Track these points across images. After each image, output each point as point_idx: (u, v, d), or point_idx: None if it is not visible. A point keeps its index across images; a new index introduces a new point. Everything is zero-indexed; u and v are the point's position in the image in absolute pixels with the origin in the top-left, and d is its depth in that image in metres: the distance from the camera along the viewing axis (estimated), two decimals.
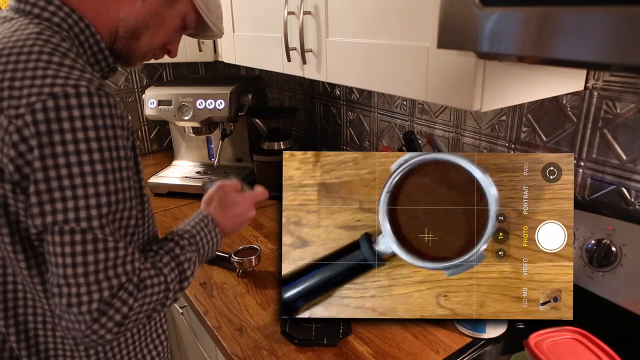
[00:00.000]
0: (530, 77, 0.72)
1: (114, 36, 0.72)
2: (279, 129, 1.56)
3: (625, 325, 0.78)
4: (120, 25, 0.71)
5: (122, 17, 0.71)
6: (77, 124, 0.55)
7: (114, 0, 0.70)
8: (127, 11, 0.71)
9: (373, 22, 0.81)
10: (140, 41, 0.75)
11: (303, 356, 0.86)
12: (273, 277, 1.11)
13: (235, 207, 0.84)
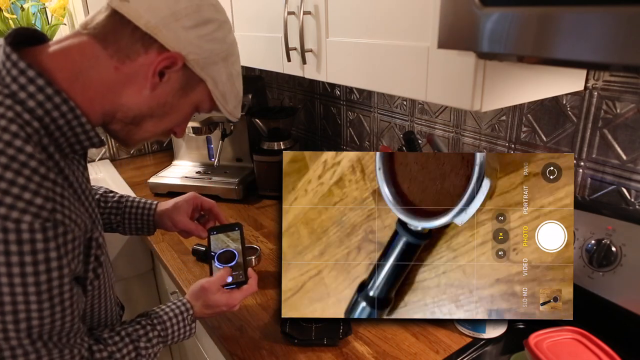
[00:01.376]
0: (530, 77, 0.72)
1: (110, 118, 0.67)
2: (279, 129, 1.56)
3: (625, 325, 0.78)
4: (120, 110, 0.66)
5: (124, 103, 0.66)
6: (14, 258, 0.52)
7: (117, 84, 0.64)
8: (130, 98, 0.66)
9: (373, 22, 0.81)
10: (141, 128, 0.70)
11: (303, 356, 0.86)
12: (273, 277, 1.11)
13: (220, 307, 0.84)
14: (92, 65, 0.62)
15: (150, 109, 0.68)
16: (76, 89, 0.61)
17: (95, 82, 0.62)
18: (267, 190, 1.56)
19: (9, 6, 1.58)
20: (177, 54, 0.65)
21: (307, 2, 0.95)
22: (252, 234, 1.33)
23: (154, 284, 1.55)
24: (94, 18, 0.64)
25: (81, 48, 0.62)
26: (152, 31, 0.63)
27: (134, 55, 0.63)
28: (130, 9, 0.62)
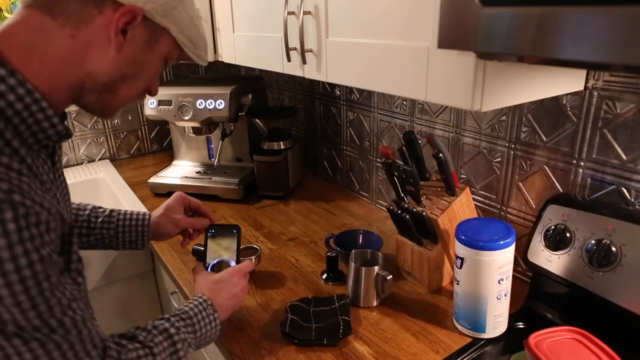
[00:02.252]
0: (530, 77, 0.72)
1: (79, 91, 0.62)
2: (279, 129, 1.56)
3: (625, 325, 0.78)
4: (88, 80, 0.61)
5: (90, 72, 0.61)
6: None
7: (77, 53, 0.59)
8: (95, 65, 0.61)
9: (373, 22, 0.81)
10: (116, 93, 0.65)
11: (303, 356, 0.86)
12: (273, 277, 1.11)
13: (224, 285, 0.84)
14: (44, 39, 0.57)
15: (121, 70, 0.63)
16: (32, 68, 0.56)
17: (52, 56, 0.57)
18: (267, 190, 1.56)
19: (9, 6, 1.58)
20: (134, 6, 0.60)
21: (307, 2, 0.95)
22: (252, 234, 1.33)
23: (154, 284, 1.55)
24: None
25: (27, 23, 0.57)
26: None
27: (88, 18, 0.58)
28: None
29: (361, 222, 1.39)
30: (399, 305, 0.99)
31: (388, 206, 1.04)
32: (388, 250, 1.17)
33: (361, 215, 1.43)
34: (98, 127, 1.92)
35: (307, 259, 1.19)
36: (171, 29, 0.66)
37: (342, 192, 1.62)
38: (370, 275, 0.97)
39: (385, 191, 1.45)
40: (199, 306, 0.78)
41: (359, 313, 0.97)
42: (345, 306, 0.96)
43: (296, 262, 1.18)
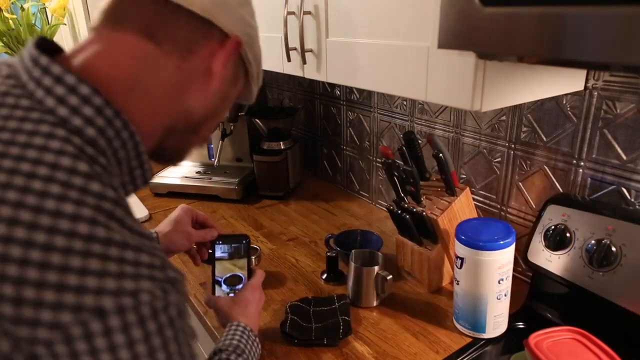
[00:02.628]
0: (530, 77, 0.72)
1: (170, 133, 0.53)
2: (279, 129, 1.56)
3: (625, 325, 0.78)
4: (182, 119, 0.53)
5: (188, 109, 0.53)
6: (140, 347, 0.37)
7: (181, 87, 0.51)
8: (195, 101, 0.53)
9: (373, 22, 0.81)
10: (199, 134, 0.58)
11: (303, 356, 0.86)
12: (273, 277, 1.11)
13: (250, 305, 0.83)
14: (150, 68, 0.48)
15: (215, 108, 0.56)
16: (137, 106, 0.47)
17: (157, 90, 0.49)
18: (267, 190, 1.56)
19: (9, 6, 1.58)
20: (237, 37, 0.54)
21: (307, 2, 0.95)
22: (252, 234, 1.33)
23: None
24: (120, 8, 0.49)
25: (130, 49, 0.48)
26: (210, 15, 0.51)
27: (196, 47, 0.51)
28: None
29: (361, 222, 1.39)
30: (399, 305, 0.99)
31: (388, 206, 1.04)
32: (388, 250, 1.17)
33: (361, 215, 1.43)
34: None
35: (307, 259, 1.19)
36: (252, 65, 0.60)
37: (342, 192, 1.62)
38: (370, 275, 0.97)
39: (385, 191, 1.45)
40: (244, 336, 0.75)
41: (359, 313, 0.97)
42: (345, 306, 0.96)
43: (296, 262, 1.18)
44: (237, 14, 0.55)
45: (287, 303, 0.98)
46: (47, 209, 0.35)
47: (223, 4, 0.53)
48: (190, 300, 0.88)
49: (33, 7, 1.64)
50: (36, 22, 1.67)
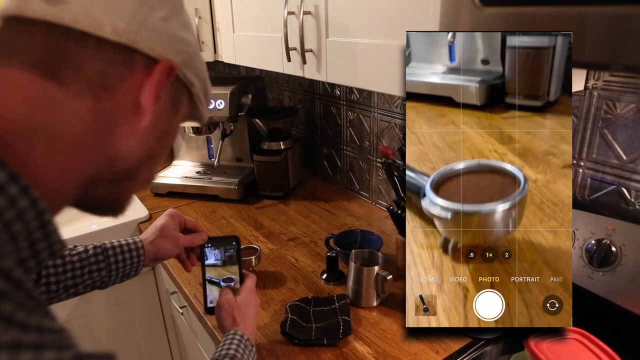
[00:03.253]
0: None
1: (89, 186, 0.43)
2: (279, 129, 1.56)
3: (625, 325, 0.78)
4: (107, 168, 0.43)
5: (112, 156, 0.43)
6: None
7: (98, 132, 0.41)
8: (121, 145, 0.43)
9: (373, 23, 0.81)
10: (135, 180, 0.48)
11: (303, 356, 0.86)
12: (273, 277, 1.11)
13: (249, 309, 0.82)
14: (52, 114, 0.38)
15: (150, 148, 0.46)
16: (38, 159, 0.37)
17: (66, 139, 0.39)
18: (267, 190, 1.56)
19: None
20: (168, 60, 0.44)
21: (307, 2, 0.95)
22: (252, 234, 1.33)
23: (153, 283, 1.55)
24: (6, 39, 0.38)
25: (23, 90, 0.37)
26: (127, 39, 0.40)
27: (115, 81, 0.41)
28: (77, 13, 0.38)
29: (361, 222, 1.39)
30: (399, 305, 0.99)
31: (388, 206, 1.04)
32: (388, 250, 1.17)
33: (361, 215, 1.43)
34: None
35: (307, 259, 1.19)
36: (195, 85, 0.50)
37: (342, 192, 1.63)
38: (370, 275, 0.97)
39: (385, 191, 1.45)
40: (240, 345, 0.74)
41: (359, 313, 0.97)
42: (345, 306, 0.97)
43: (296, 262, 1.18)
44: (163, 31, 0.44)
45: (287, 303, 0.98)
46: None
47: (142, 22, 0.41)
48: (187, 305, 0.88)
49: None
50: None
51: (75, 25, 0.38)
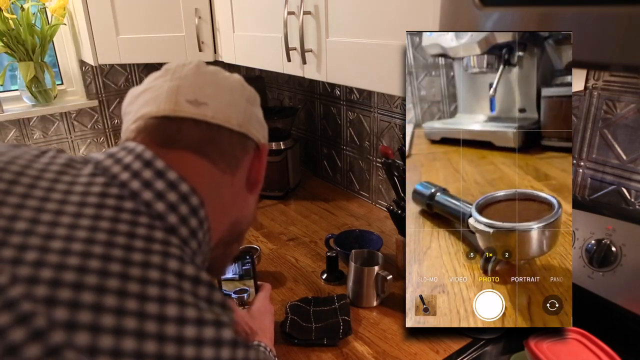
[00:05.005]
0: None
1: (216, 245, 0.52)
2: (279, 129, 1.56)
3: (625, 325, 0.78)
4: (230, 231, 0.53)
5: (236, 221, 0.54)
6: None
7: (233, 202, 0.52)
8: (241, 211, 0.55)
9: (373, 22, 0.81)
10: (240, 242, 0.59)
11: (303, 356, 0.86)
12: (273, 277, 1.11)
13: (266, 317, 0.82)
14: (212, 188, 0.48)
15: (253, 213, 0.58)
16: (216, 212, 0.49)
17: (219, 205, 0.49)
18: (267, 190, 1.56)
19: (9, 6, 1.58)
20: (266, 145, 0.57)
21: (307, 2, 0.95)
22: (252, 234, 1.33)
23: None
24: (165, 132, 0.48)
25: (193, 167, 0.47)
26: (245, 129, 0.52)
27: (240, 161, 0.52)
28: (215, 111, 0.50)
29: (361, 222, 1.39)
30: (399, 305, 0.99)
31: (388, 206, 1.04)
32: (388, 250, 1.17)
33: (361, 215, 1.43)
34: (98, 127, 1.92)
35: (307, 259, 1.19)
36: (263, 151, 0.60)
37: (342, 192, 1.63)
38: (370, 275, 0.97)
39: (385, 191, 1.45)
40: (265, 352, 0.75)
41: (359, 313, 0.97)
42: (345, 306, 0.97)
43: (296, 262, 1.18)
44: (260, 121, 0.56)
45: (287, 303, 0.98)
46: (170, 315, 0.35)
47: (250, 116, 0.54)
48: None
49: (33, 7, 1.64)
50: (36, 22, 1.67)
51: (213, 120, 0.49)
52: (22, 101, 1.79)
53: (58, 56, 1.85)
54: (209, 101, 0.50)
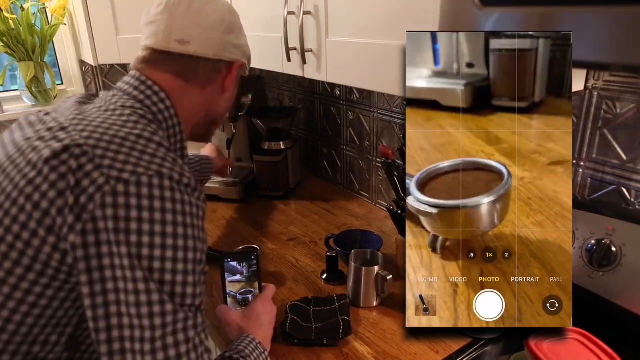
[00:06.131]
0: None
1: (194, 127, 0.80)
2: (279, 129, 1.56)
3: (625, 325, 0.78)
4: (204, 119, 0.80)
5: (208, 113, 0.80)
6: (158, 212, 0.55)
7: (203, 104, 0.78)
8: (214, 108, 0.81)
9: (373, 23, 0.81)
10: (218, 122, 0.87)
11: (303, 356, 0.86)
12: (273, 277, 1.11)
13: (261, 317, 0.83)
14: (183, 96, 0.75)
15: (227, 106, 0.85)
16: (182, 106, 0.74)
17: (188, 108, 0.76)
18: (267, 190, 1.56)
19: (9, 6, 1.58)
20: (239, 61, 0.81)
21: (307, 2, 0.95)
22: (252, 234, 1.33)
23: None
24: (155, 59, 0.74)
25: (170, 85, 0.73)
26: (218, 56, 0.76)
27: (212, 79, 0.78)
28: (195, 47, 0.74)
29: (361, 222, 1.39)
30: (399, 305, 0.99)
31: (388, 206, 1.04)
32: (388, 250, 1.17)
33: (361, 215, 1.43)
34: None
35: (307, 259, 1.19)
36: (246, 63, 0.85)
37: (342, 192, 1.63)
38: (370, 275, 0.97)
39: (385, 191, 1.45)
40: (250, 345, 0.76)
41: (359, 313, 0.97)
42: (345, 306, 0.97)
43: (296, 262, 1.18)
44: (235, 46, 0.79)
45: (287, 303, 0.98)
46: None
47: (225, 44, 0.77)
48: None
49: (33, 7, 1.64)
50: (36, 22, 1.67)
51: (195, 54, 0.74)
52: (22, 101, 1.79)
53: (58, 56, 1.85)
54: (191, 40, 0.74)
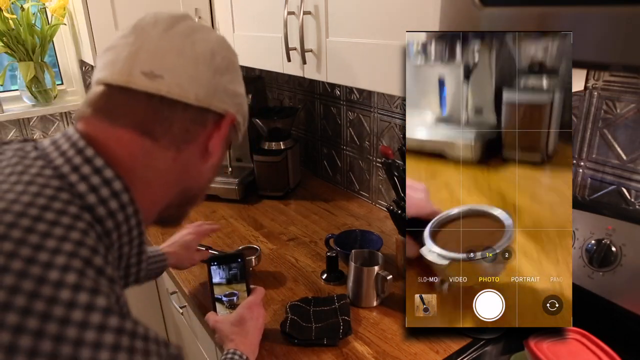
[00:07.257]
0: None
1: (165, 210, 0.56)
2: (279, 129, 1.56)
3: (625, 325, 0.78)
4: (178, 198, 0.56)
5: (184, 189, 0.56)
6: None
7: (177, 175, 0.53)
8: (191, 180, 0.56)
9: (373, 22, 0.81)
10: (196, 201, 0.62)
11: (303, 356, 0.86)
12: (273, 277, 1.11)
13: (247, 323, 0.82)
14: (148, 165, 0.50)
15: (209, 180, 0.60)
16: (137, 195, 0.49)
17: (155, 181, 0.51)
18: (267, 190, 1.56)
19: (9, 6, 1.58)
20: (232, 115, 0.56)
21: (307, 2, 0.95)
22: (252, 234, 1.33)
23: (153, 283, 1.56)
24: (113, 104, 0.50)
25: (127, 149, 0.49)
26: (205, 103, 0.52)
27: (193, 136, 0.53)
28: (170, 85, 0.49)
29: (361, 222, 1.39)
30: (399, 305, 0.99)
31: (388, 206, 1.04)
32: (388, 250, 1.17)
33: (361, 215, 1.43)
34: None
35: (307, 259, 1.19)
36: (242, 124, 0.62)
37: (342, 192, 1.63)
38: (370, 275, 0.97)
39: (385, 191, 1.45)
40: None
41: (359, 313, 0.97)
42: (345, 306, 0.97)
43: (296, 262, 1.18)
44: (228, 91, 0.55)
45: (287, 303, 0.98)
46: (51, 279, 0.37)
47: (216, 88, 0.53)
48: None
49: (33, 7, 1.64)
50: (36, 22, 1.67)
51: (168, 95, 0.49)
52: (22, 101, 1.79)
53: (58, 56, 1.85)
54: (165, 74, 0.49)
